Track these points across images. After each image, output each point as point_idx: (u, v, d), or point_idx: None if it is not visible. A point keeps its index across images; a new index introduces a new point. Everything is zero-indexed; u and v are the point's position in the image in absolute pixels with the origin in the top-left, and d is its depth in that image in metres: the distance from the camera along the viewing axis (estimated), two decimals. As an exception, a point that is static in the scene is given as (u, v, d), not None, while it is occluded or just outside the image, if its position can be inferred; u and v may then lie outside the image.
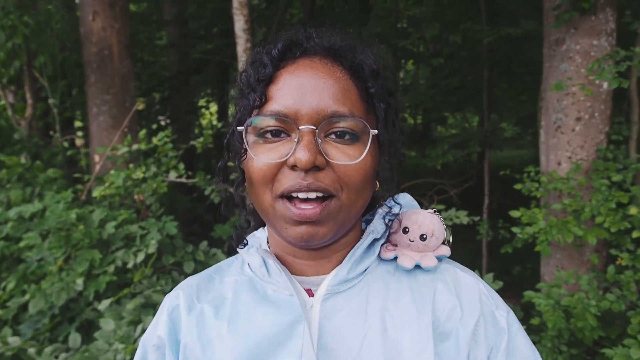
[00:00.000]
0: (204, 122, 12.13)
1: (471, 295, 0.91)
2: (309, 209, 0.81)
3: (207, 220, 6.25)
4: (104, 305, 2.87)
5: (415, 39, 5.63)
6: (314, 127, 0.80)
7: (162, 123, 8.88)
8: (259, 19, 8.25)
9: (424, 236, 0.93)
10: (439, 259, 0.94)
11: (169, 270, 3.29)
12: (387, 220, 0.97)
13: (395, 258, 0.93)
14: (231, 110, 0.99)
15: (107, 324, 2.73)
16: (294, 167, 0.81)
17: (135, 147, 3.64)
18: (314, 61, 0.86)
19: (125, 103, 5.15)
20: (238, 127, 0.87)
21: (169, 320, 0.95)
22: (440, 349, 0.85)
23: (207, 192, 3.64)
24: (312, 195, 0.81)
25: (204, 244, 3.44)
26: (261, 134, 0.84)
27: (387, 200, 1.00)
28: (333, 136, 0.83)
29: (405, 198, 1.03)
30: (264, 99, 0.84)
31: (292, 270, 0.94)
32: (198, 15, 7.99)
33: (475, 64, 6.28)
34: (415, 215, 0.95)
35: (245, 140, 0.85)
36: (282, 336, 0.85)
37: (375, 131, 0.85)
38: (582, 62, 3.58)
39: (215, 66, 8.21)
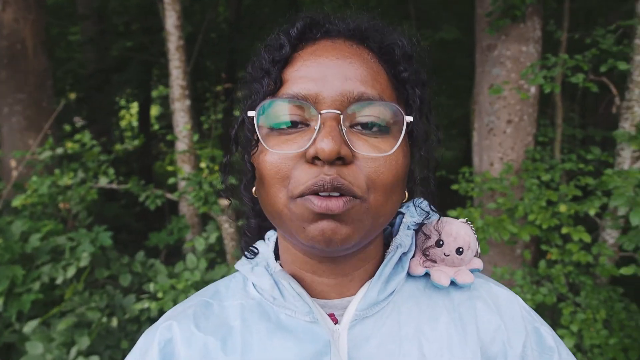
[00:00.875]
0: (123, 123, 11.52)
1: (512, 312, 0.82)
2: (332, 200, 0.67)
3: (136, 228, 5.91)
4: (30, 326, 2.60)
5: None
6: (339, 112, 0.68)
7: (79, 124, 8.34)
8: (184, 16, 7.97)
9: (461, 249, 0.83)
10: (472, 272, 0.85)
11: (102, 284, 3.05)
12: (413, 231, 0.86)
13: (426, 274, 0.84)
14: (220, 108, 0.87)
15: (35, 348, 2.47)
16: (314, 160, 0.68)
17: (59, 150, 3.34)
18: (337, 42, 0.75)
19: (41, 103, 4.76)
20: (249, 113, 0.74)
21: (161, 357, 0.78)
22: None
23: (141, 199, 3.41)
24: (336, 194, 0.68)
25: (140, 255, 3.21)
26: (275, 124, 0.72)
27: (406, 206, 0.89)
28: (359, 127, 0.70)
29: (426, 207, 0.90)
30: (279, 83, 0.72)
31: (312, 293, 0.81)
32: (120, 11, 7.56)
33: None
34: (449, 226, 0.85)
35: (256, 129, 0.72)
36: None
37: (410, 118, 0.73)
38: (512, 67, 3.73)
39: (137, 64, 7.81)
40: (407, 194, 0.82)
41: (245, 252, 0.86)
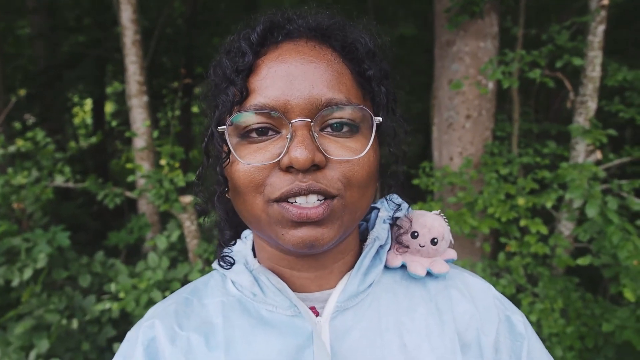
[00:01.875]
0: (77, 121, 11.17)
1: (486, 301, 0.86)
2: (310, 208, 0.69)
3: (93, 228, 5.75)
4: (-16, 331, 2.49)
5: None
6: (309, 120, 0.69)
7: (29, 122, 8.03)
8: (139, 11, 7.78)
9: (435, 240, 0.86)
10: (447, 262, 0.88)
11: (60, 285, 2.95)
12: (389, 225, 0.88)
13: (402, 266, 0.86)
14: (196, 109, 0.86)
15: (-9, 353, 2.38)
16: (288, 169, 0.69)
17: (12, 148, 3.21)
18: (300, 44, 0.75)
19: (-10, 100, 4.57)
20: (218, 127, 0.74)
21: (145, 355, 0.79)
22: None
23: (100, 198, 3.31)
24: (313, 198, 0.70)
25: (100, 255, 3.13)
26: (245, 134, 0.72)
27: (381, 202, 0.92)
28: (329, 129, 0.72)
29: (397, 199, 0.93)
30: (245, 93, 0.72)
31: (292, 287, 0.82)
32: (72, 4, 7.31)
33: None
34: (423, 218, 0.88)
35: (227, 142, 0.73)
36: None
37: (379, 119, 0.75)
38: (471, 63, 3.81)
39: (91, 60, 7.56)
40: (377, 184, 0.83)
41: (222, 263, 0.86)
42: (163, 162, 3.36)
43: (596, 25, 3.35)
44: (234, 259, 0.87)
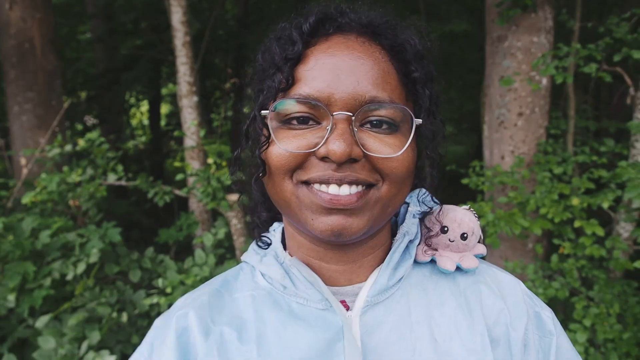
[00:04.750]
0: (134, 122, 11.59)
1: (515, 296, 0.85)
2: (344, 196, 0.71)
3: (146, 225, 5.94)
4: (42, 322, 2.62)
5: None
6: (350, 114, 0.70)
7: (89, 123, 8.40)
8: (192, 13, 7.98)
9: (465, 235, 0.86)
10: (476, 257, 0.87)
11: (112, 280, 3.06)
12: (418, 219, 0.88)
13: (432, 260, 0.86)
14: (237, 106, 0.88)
15: (47, 342, 2.49)
16: (324, 159, 0.70)
17: (68, 148, 3.35)
18: (350, 39, 0.75)
19: (51, 101, 4.78)
20: (262, 112, 0.75)
21: (178, 344, 0.78)
22: (493, 356, 0.78)
23: (150, 195, 3.41)
24: (346, 189, 0.71)
25: (150, 251, 3.22)
26: (286, 120, 0.73)
27: (409, 196, 0.91)
28: (369, 125, 0.73)
29: (429, 200, 0.92)
30: (291, 81, 0.73)
31: (321, 279, 0.82)
32: (127, 9, 7.60)
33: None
34: (453, 212, 0.87)
35: (268, 126, 0.74)
36: (321, 357, 0.74)
37: (420, 121, 0.75)
38: (523, 59, 3.68)
39: (146, 62, 7.83)
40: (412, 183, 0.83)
41: (259, 243, 0.88)
42: (210, 160, 3.43)
43: (658, 16, 3.16)
44: (270, 240, 0.88)
